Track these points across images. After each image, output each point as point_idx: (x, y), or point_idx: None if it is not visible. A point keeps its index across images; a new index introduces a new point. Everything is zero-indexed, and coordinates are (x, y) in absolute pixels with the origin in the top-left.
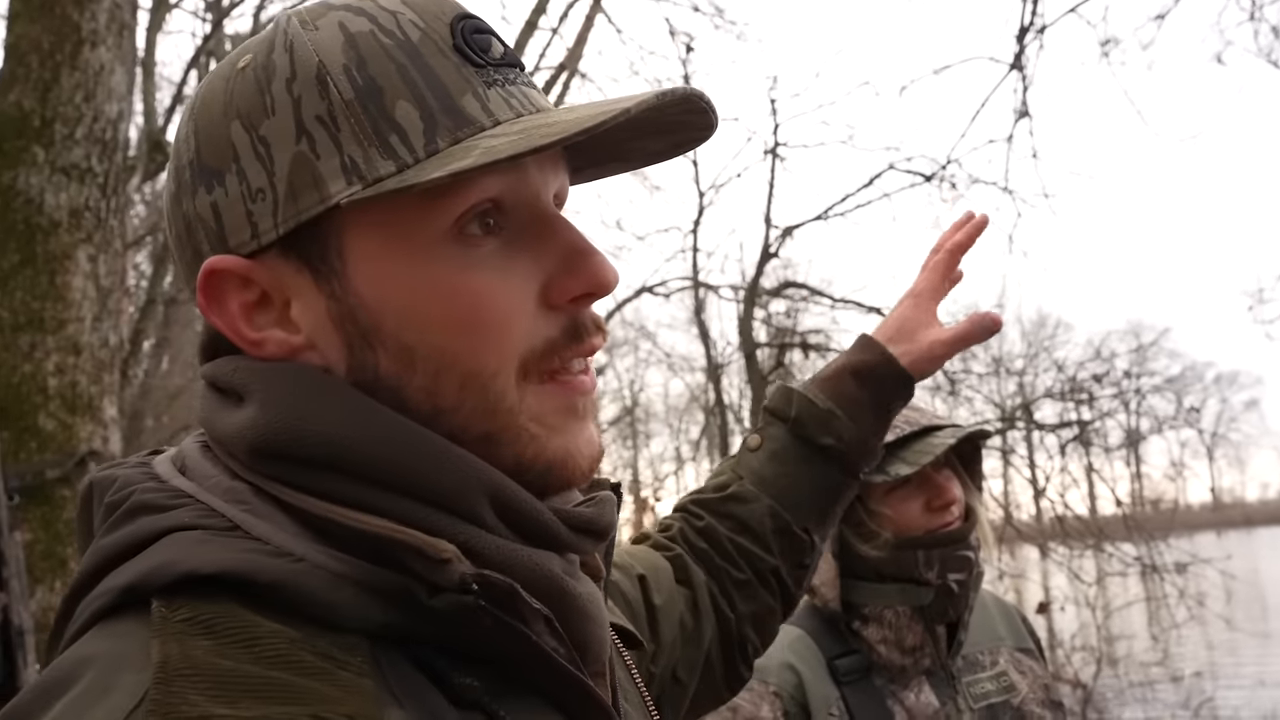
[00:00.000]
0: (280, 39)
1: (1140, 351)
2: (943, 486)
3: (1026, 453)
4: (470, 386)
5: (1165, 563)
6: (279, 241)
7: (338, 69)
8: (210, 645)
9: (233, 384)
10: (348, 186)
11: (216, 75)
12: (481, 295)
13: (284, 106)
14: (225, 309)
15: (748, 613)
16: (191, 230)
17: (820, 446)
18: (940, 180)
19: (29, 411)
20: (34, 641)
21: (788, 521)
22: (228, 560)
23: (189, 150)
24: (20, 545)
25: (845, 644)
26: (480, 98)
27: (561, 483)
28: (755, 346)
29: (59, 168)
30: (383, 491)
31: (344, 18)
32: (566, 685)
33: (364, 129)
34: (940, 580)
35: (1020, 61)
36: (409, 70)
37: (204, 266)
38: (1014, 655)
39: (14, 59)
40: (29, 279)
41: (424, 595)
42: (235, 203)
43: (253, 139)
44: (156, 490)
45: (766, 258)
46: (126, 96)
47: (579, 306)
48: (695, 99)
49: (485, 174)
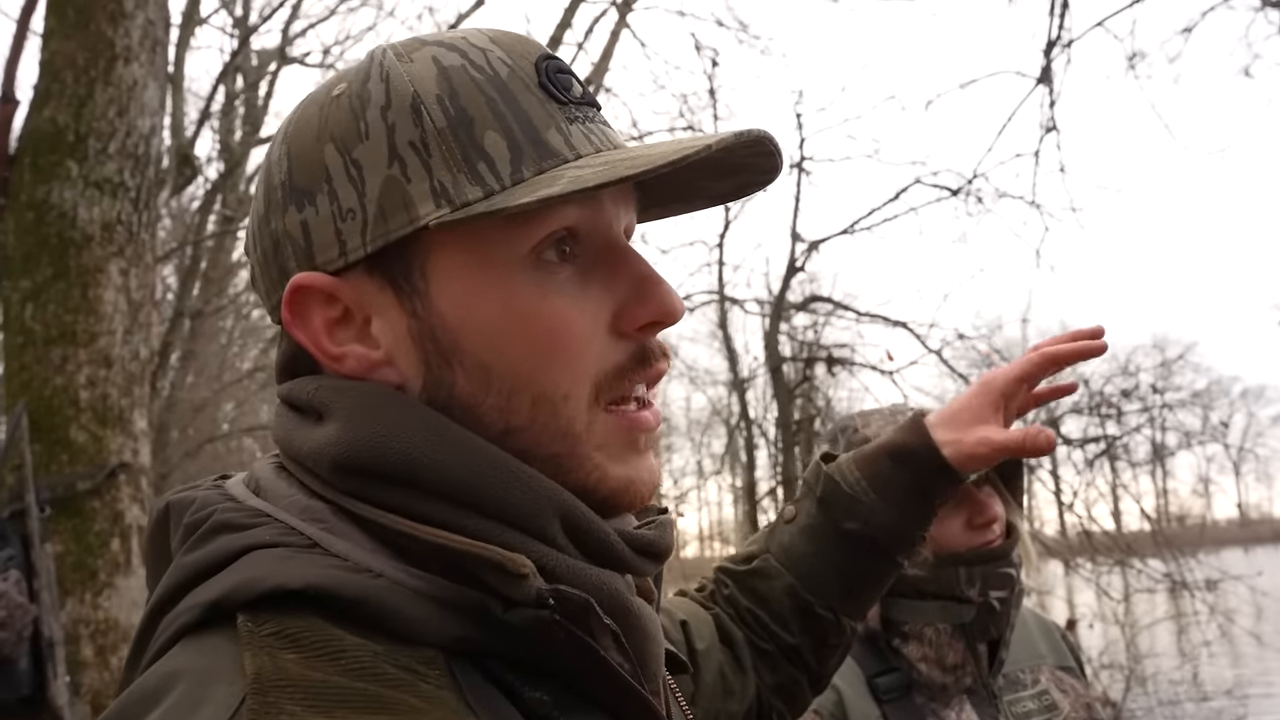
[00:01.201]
0: (376, 69)
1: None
2: (984, 503)
3: (1051, 468)
4: (542, 407)
5: (1195, 579)
6: (365, 260)
7: (431, 99)
8: (298, 658)
9: (313, 402)
10: (436, 209)
11: (310, 102)
12: (558, 319)
13: (378, 132)
14: (309, 324)
15: (772, 683)
16: (279, 247)
17: (844, 531)
18: (966, 194)
19: (60, 424)
20: (64, 653)
21: (810, 602)
22: (312, 576)
23: (281, 171)
24: (51, 557)
25: (885, 662)
26: (563, 132)
27: (620, 508)
28: (781, 360)
29: (92, 182)
30: (459, 508)
31: (437, 52)
32: (629, 700)
33: (454, 156)
34: (982, 598)
35: (1047, 75)
36: (498, 103)
37: (291, 282)
38: (1055, 674)
39: (49, 75)
40: (62, 292)
41: (499, 609)
42: (325, 221)
43: (346, 161)
44: (235, 510)
45: (792, 271)
46: (158, 111)
47: (646, 334)
48: (766, 141)
49: (566, 203)
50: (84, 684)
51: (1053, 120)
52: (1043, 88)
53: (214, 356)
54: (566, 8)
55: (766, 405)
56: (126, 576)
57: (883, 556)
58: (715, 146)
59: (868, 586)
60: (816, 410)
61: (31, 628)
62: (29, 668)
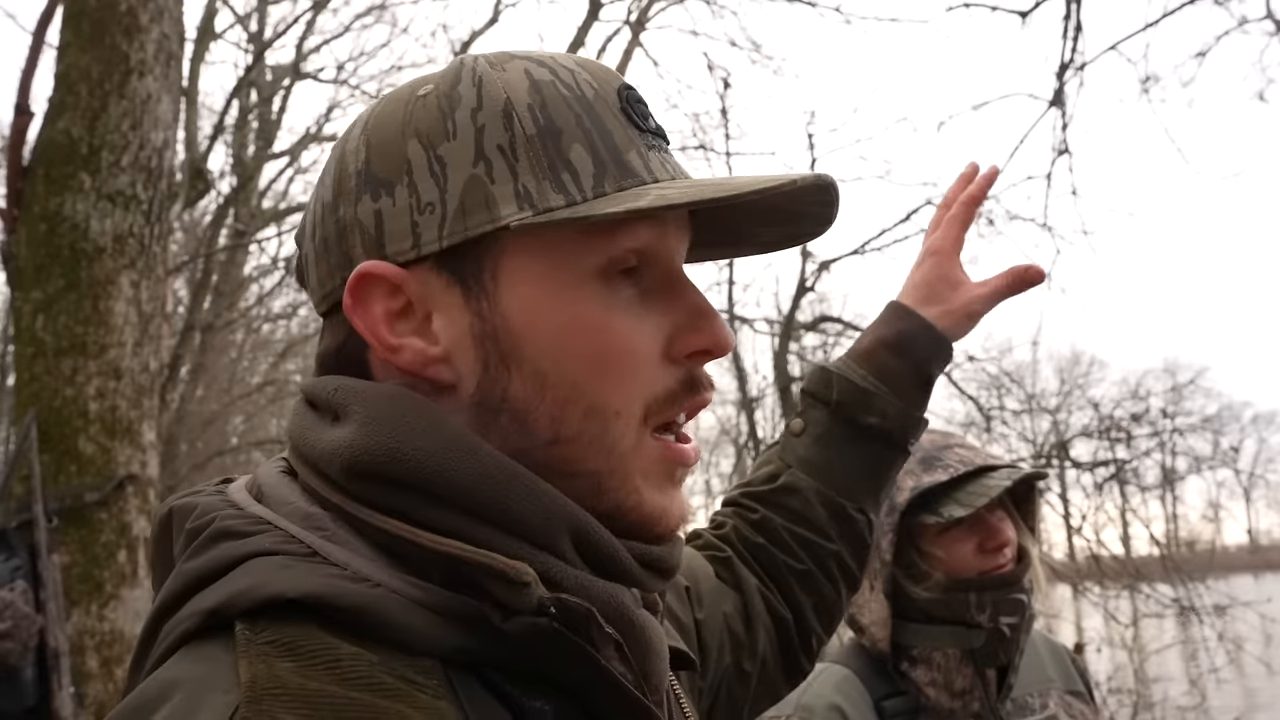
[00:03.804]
0: (468, 74)
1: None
2: (996, 528)
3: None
4: (593, 420)
5: (1204, 605)
6: (436, 255)
7: (523, 107)
8: (294, 666)
9: (332, 402)
10: (519, 212)
11: (393, 99)
12: (620, 335)
13: (466, 132)
14: (369, 312)
15: (810, 604)
16: (345, 235)
17: (864, 426)
18: (978, 216)
19: (69, 435)
20: (69, 664)
21: (842, 505)
22: (309, 585)
23: (358, 161)
24: (58, 568)
25: (893, 685)
26: (643, 156)
27: (648, 536)
28: (790, 380)
29: (105, 194)
30: (468, 518)
31: (529, 66)
32: (631, 711)
33: (540, 163)
34: (992, 623)
35: (1060, 98)
36: (584, 120)
37: (358, 269)
38: (1064, 698)
39: (64, 87)
40: (73, 303)
41: (498, 618)
42: (402, 213)
43: (429, 157)
44: (236, 517)
45: (802, 291)
46: (172, 125)
47: (695, 362)
48: (830, 189)
49: (639, 223)
50: (89, 695)
51: (1065, 143)
52: (1055, 110)
53: (224, 370)
54: (580, 26)
55: (775, 425)
56: (133, 588)
57: (896, 447)
58: (800, 182)
59: (886, 479)
60: None
61: (37, 638)
62: (34, 678)
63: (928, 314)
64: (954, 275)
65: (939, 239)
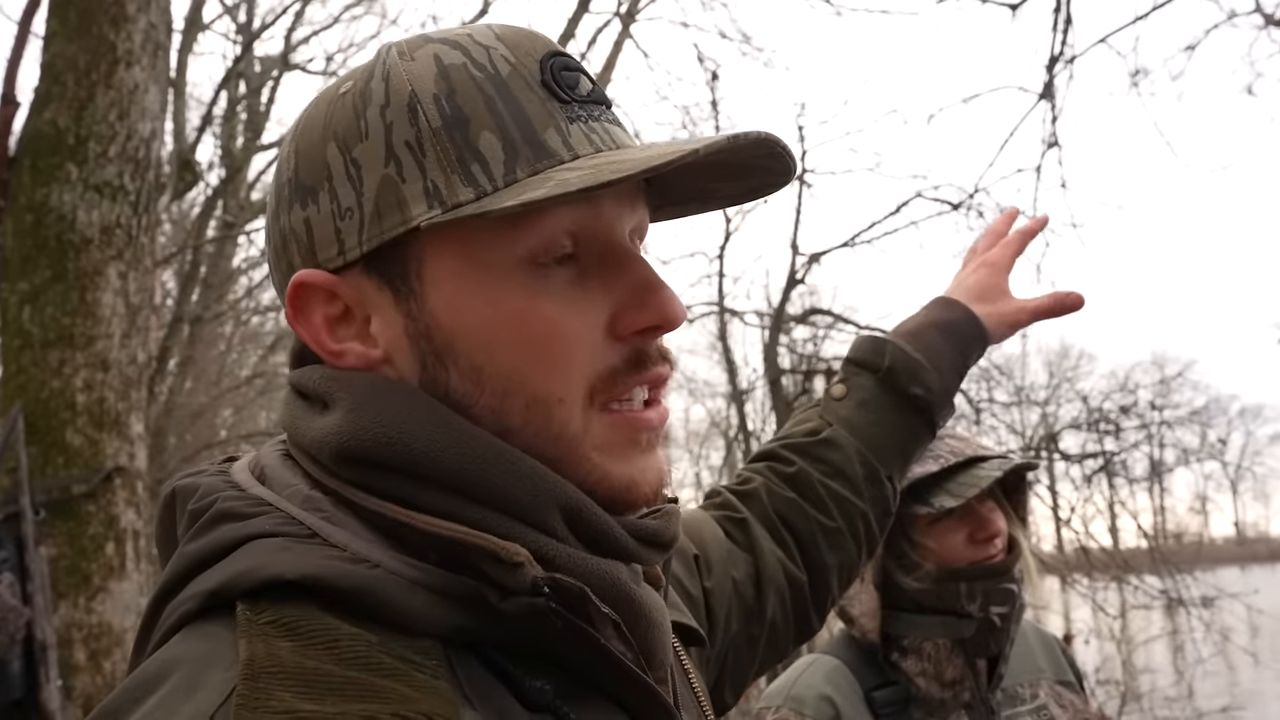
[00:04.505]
0: (379, 68)
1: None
2: (987, 519)
3: (1049, 483)
4: (535, 409)
5: (1191, 596)
6: (363, 259)
7: (428, 98)
8: (294, 646)
9: (319, 391)
10: (428, 210)
11: (320, 99)
12: (550, 322)
13: (376, 131)
14: (310, 320)
15: (834, 564)
16: (286, 244)
17: (910, 396)
18: (968, 209)
19: (57, 427)
20: (56, 657)
21: (877, 469)
22: (309, 566)
23: (289, 168)
24: (45, 560)
25: (883, 676)
26: (562, 132)
27: (625, 507)
28: (780, 373)
29: (92, 185)
30: (459, 498)
31: (440, 50)
32: (632, 688)
33: (448, 156)
34: (982, 613)
35: (1050, 91)
36: (496, 102)
37: (293, 280)
38: (1054, 688)
39: (50, 78)
40: (60, 295)
41: (495, 598)
42: (326, 219)
43: (346, 160)
44: (237, 498)
45: (792, 284)
46: (159, 116)
47: (645, 339)
48: (769, 143)
49: (560, 205)
50: (76, 688)
51: (1055, 136)
52: (1045, 103)
53: (212, 362)
54: (570, 18)
55: (765, 418)
56: (120, 580)
57: (929, 424)
58: (703, 151)
59: (915, 453)
60: None
61: (24, 631)
62: (21, 671)
63: (979, 310)
64: (1004, 285)
65: (995, 253)
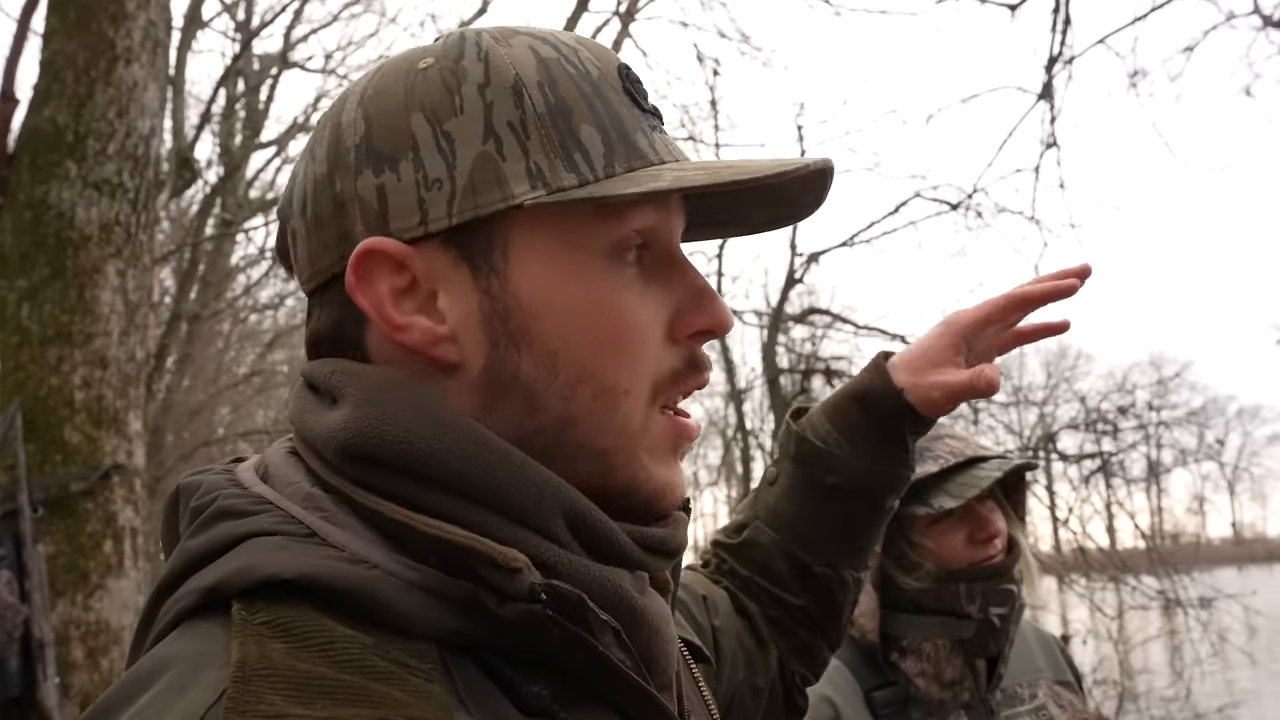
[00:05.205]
0: (471, 49)
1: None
2: (986, 519)
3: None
4: (603, 399)
5: (1188, 597)
6: (442, 233)
7: (532, 84)
8: (287, 648)
9: (329, 385)
10: (531, 190)
11: (390, 71)
12: (630, 315)
13: (474, 108)
14: (374, 289)
15: (789, 647)
16: (342, 210)
17: (828, 486)
18: (966, 209)
19: (55, 424)
20: (54, 654)
21: (806, 562)
22: (306, 565)
23: (356, 134)
24: (43, 558)
25: (883, 676)
26: (647, 136)
27: (654, 512)
28: (778, 372)
29: (90, 182)
30: (462, 500)
31: (533, 43)
32: (632, 695)
33: (551, 141)
34: (982, 614)
35: (1049, 91)
36: (592, 99)
37: (363, 245)
38: (1053, 688)
39: (49, 75)
40: (58, 292)
41: (493, 603)
42: (407, 189)
43: (435, 132)
44: (238, 496)
45: (791, 284)
46: (159, 113)
47: (696, 342)
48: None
49: (647, 204)
50: (74, 685)
51: (1053, 136)
52: (1044, 103)
53: (210, 360)
54: (569, 17)
55: (763, 417)
56: (118, 578)
57: (869, 503)
58: (811, 167)
59: (861, 536)
60: None
61: (22, 628)
62: (19, 668)
63: (899, 378)
64: (947, 354)
65: (962, 314)
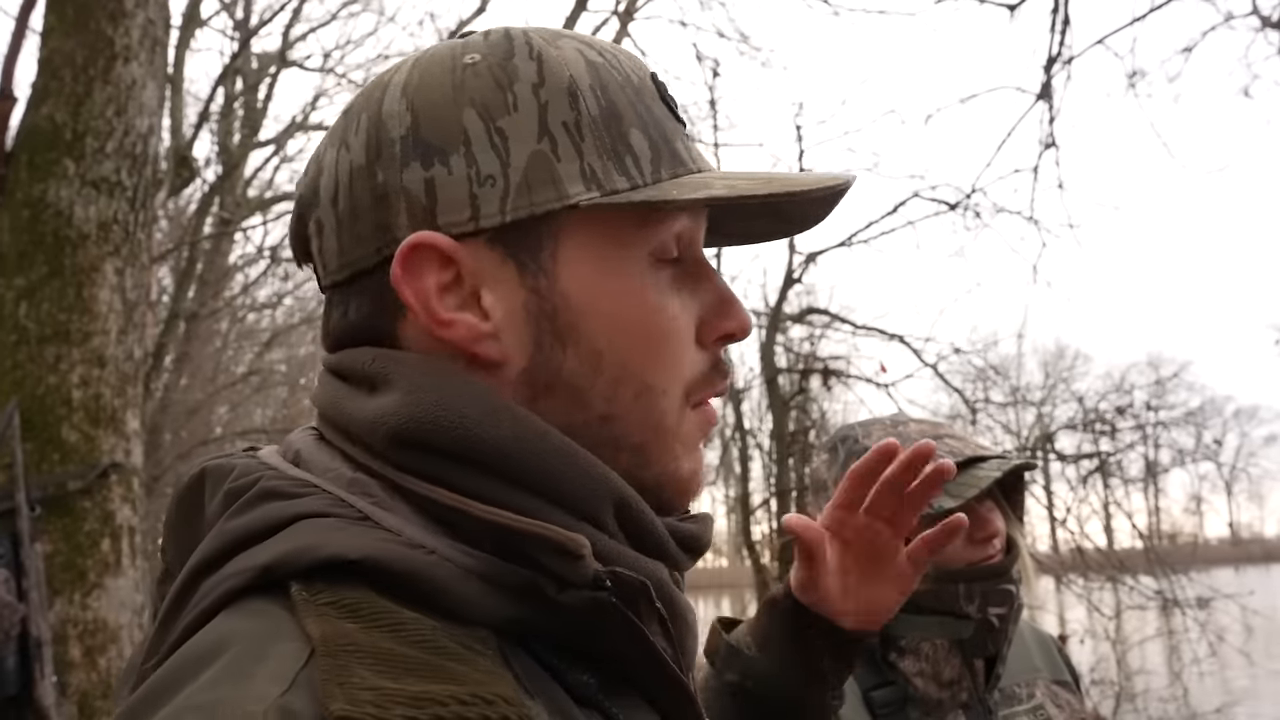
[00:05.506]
0: (522, 48)
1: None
2: (985, 519)
3: (1044, 483)
4: (644, 398)
5: (1186, 597)
6: (492, 230)
7: (586, 87)
8: (359, 627)
9: (369, 373)
10: (586, 191)
11: (433, 63)
12: (671, 317)
13: (528, 107)
14: (421, 284)
15: None
16: (383, 202)
17: (727, 683)
18: (965, 209)
19: (53, 423)
20: (51, 653)
21: None
22: (368, 548)
23: (402, 126)
24: (40, 556)
25: (881, 675)
26: (685, 144)
27: (685, 499)
28: (776, 372)
29: (89, 181)
30: (512, 487)
31: (581, 47)
32: (670, 687)
33: (604, 144)
34: (981, 614)
35: (1047, 92)
36: (638, 105)
37: (413, 238)
38: (1051, 688)
39: (47, 73)
40: (56, 291)
41: (552, 590)
42: (459, 183)
43: (489, 128)
44: (281, 478)
45: (789, 283)
46: (157, 112)
47: (720, 346)
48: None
49: (684, 210)
50: (71, 684)
51: (1052, 136)
52: (1042, 104)
53: (208, 359)
54: (568, 16)
55: (761, 416)
56: (116, 577)
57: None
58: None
59: None
60: (811, 422)
61: (19, 627)
62: (16, 667)
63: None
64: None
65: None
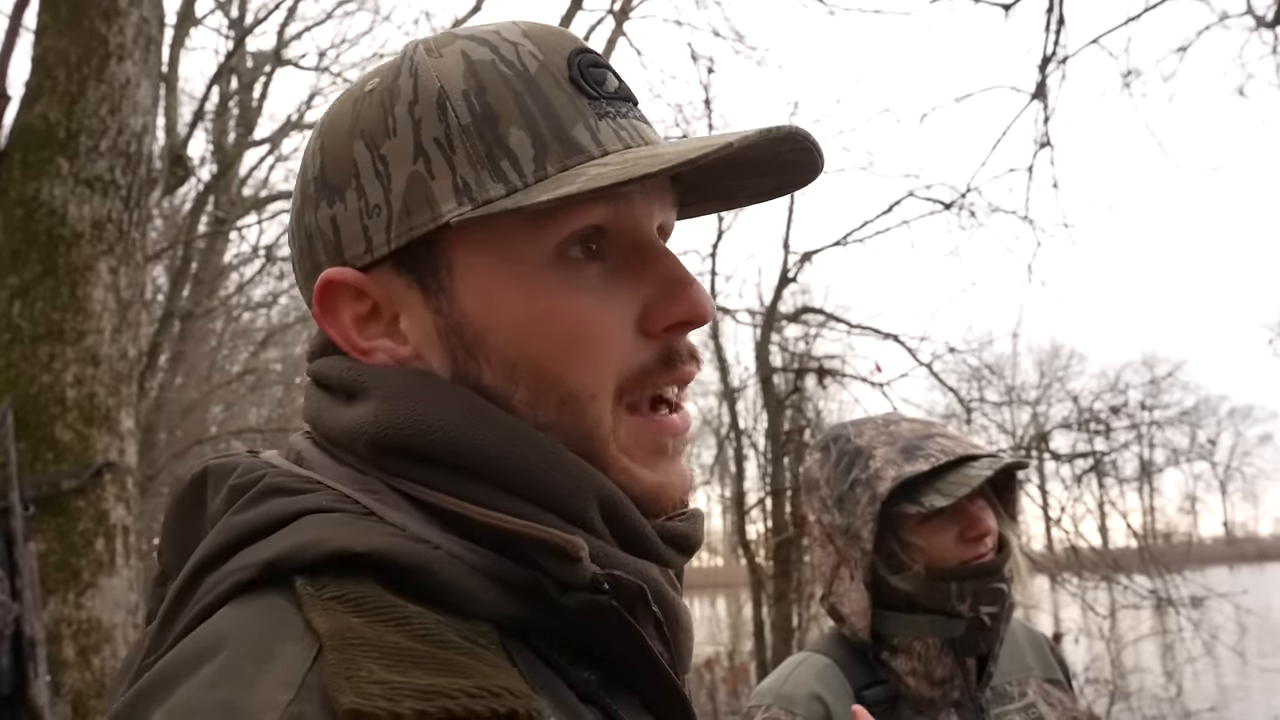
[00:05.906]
0: (406, 65)
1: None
2: (977, 517)
3: (1039, 482)
4: (569, 406)
5: (1180, 596)
6: (391, 257)
7: (457, 95)
8: (364, 621)
9: (344, 381)
10: (458, 206)
11: (346, 97)
12: (581, 317)
13: (405, 128)
14: (338, 319)
15: None
16: (312, 243)
17: None
18: (960, 208)
19: (46, 422)
20: (45, 652)
21: None
22: (375, 542)
23: (315, 166)
24: (34, 556)
25: (874, 674)
26: (590, 128)
27: (653, 512)
28: (771, 371)
29: (83, 180)
30: (497, 491)
31: (467, 47)
32: (664, 688)
33: (477, 153)
34: (973, 613)
35: (1042, 91)
36: (525, 99)
37: (321, 278)
38: (1043, 686)
39: (41, 71)
40: (50, 290)
41: (555, 591)
42: (353, 217)
43: (374, 158)
44: (286, 475)
45: (784, 282)
46: (151, 110)
47: (674, 335)
48: (800, 138)
49: (590, 201)
50: (65, 684)
51: (1047, 136)
52: (1037, 103)
53: (203, 358)
54: (563, 16)
55: (756, 416)
56: (110, 576)
57: None
58: (737, 144)
59: None
60: (806, 421)
61: (13, 626)
62: (10, 666)
63: None
64: None
65: None
